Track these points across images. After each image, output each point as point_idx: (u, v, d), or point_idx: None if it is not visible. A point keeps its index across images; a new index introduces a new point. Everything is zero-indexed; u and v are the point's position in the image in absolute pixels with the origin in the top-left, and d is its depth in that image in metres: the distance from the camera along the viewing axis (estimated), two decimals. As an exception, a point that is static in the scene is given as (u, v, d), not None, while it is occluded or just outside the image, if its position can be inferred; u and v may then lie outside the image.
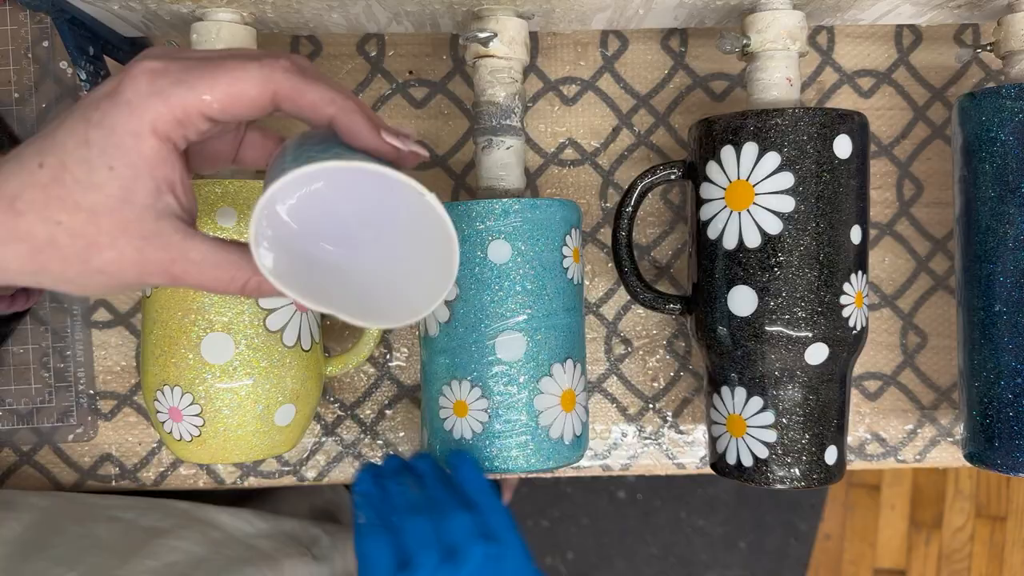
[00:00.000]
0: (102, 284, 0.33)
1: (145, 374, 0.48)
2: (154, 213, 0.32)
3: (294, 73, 0.32)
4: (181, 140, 0.32)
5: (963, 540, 1.44)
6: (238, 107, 0.32)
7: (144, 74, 0.31)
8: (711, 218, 0.47)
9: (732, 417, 0.48)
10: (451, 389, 0.47)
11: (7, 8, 0.55)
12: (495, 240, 0.46)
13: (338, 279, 0.35)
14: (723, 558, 1.44)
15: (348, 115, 0.33)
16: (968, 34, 0.57)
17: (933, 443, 0.59)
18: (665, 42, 0.57)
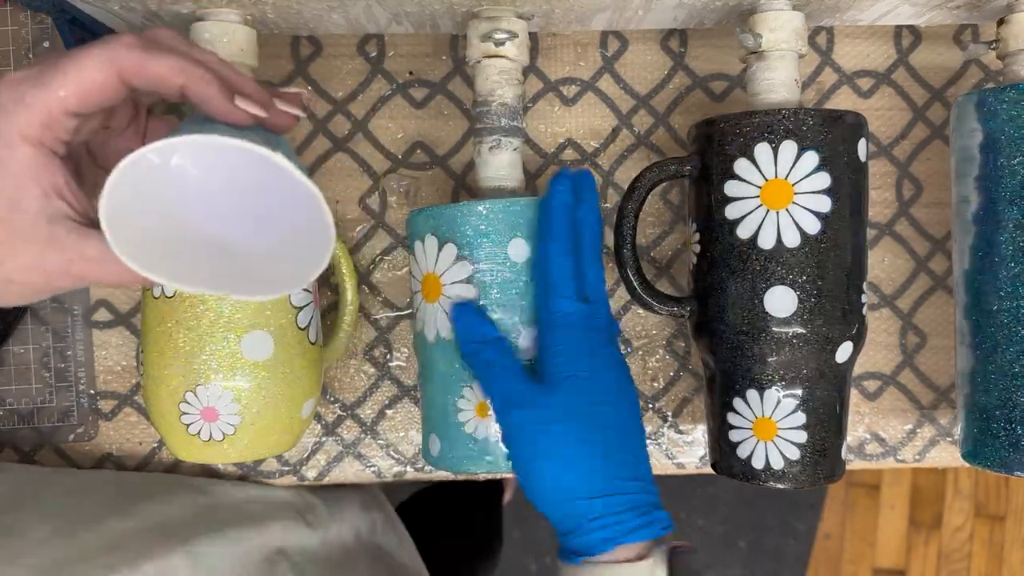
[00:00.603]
0: (16, 292, 0.34)
1: (167, 377, 0.47)
2: (45, 218, 0.33)
3: (136, 47, 0.33)
4: (55, 142, 0.33)
5: (962, 540, 1.44)
6: (92, 95, 0.33)
7: (5, 86, 0.32)
8: (742, 217, 0.46)
9: (761, 420, 0.47)
10: (473, 391, 0.46)
11: (7, 9, 0.55)
12: (515, 239, 0.46)
13: (223, 258, 0.35)
14: (723, 558, 1.45)
15: (197, 84, 0.33)
16: (968, 34, 0.58)
17: (932, 443, 0.59)
18: (665, 43, 0.57)
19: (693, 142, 0.49)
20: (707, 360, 0.50)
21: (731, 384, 0.48)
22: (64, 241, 0.33)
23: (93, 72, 0.32)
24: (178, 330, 0.47)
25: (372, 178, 0.57)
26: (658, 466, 0.59)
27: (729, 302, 0.47)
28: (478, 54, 0.49)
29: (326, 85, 0.56)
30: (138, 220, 0.33)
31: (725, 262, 0.47)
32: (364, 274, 0.57)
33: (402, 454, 0.58)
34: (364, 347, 0.57)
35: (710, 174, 0.47)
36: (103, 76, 0.32)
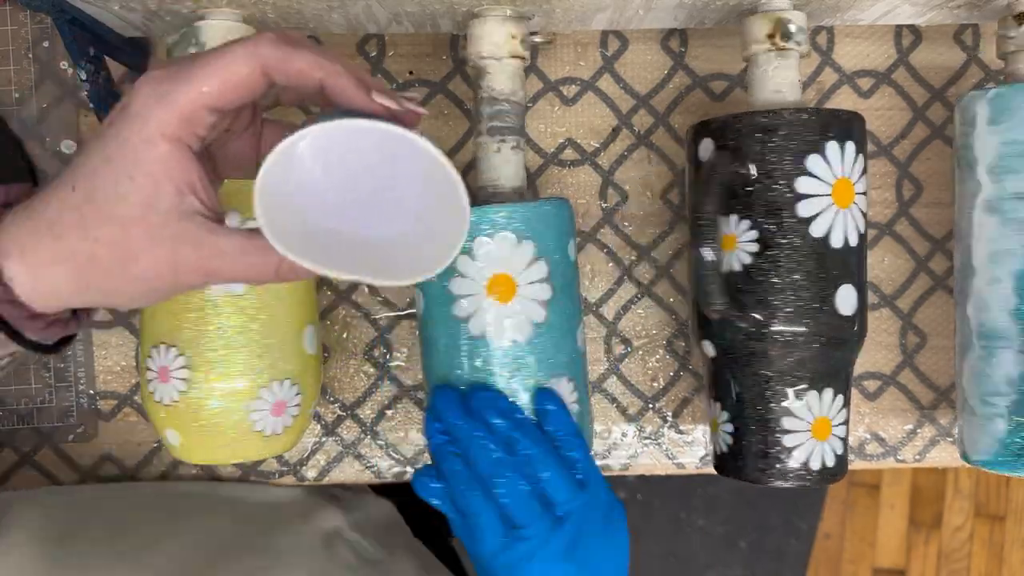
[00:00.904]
0: (144, 292, 0.34)
1: (234, 376, 0.47)
2: (178, 215, 0.33)
3: (279, 43, 0.33)
4: (192, 139, 0.33)
5: (962, 539, 1.44)
6: (235, 90, 0.33)
7: (146, 84, 0.32)
8: (816, 215, 0.45)
9: (820, 420, 0.47)
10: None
11: (7, 8, 0.55)
12: (571, 240, 0.49)
13: (358, 246, 0.35)
14: (723, 557, 1.45)
15: (335, 78, 0.34)
16: (968, 34, 0.57)
17: (932, 443, 0.59)
18: (665, 42, 0.57)
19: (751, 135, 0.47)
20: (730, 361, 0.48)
21: (785, 385, 0.47)
22: (199, 237, 0.33)
23: (239, 66, 0.32)
24: (249, 327, 0.47)
25: (372, 178, 0.57)
26: (658, 466, 0.59)
27: (801, 302, 0.46)
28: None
29: (326, 85, 0.56)
30: (280, 212, 0.33)
31: (796, 260, 0.45)
32: (364, 274, 0.57)
33: (402, 454, 0.58)
34: (364, 347, 0.57)
35: (774, 172, 0.45)
36: (248, 70, 0.33)
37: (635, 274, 0.58)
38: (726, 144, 0.47)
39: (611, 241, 0.58)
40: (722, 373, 0.49)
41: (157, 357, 0.47)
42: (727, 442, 0.49)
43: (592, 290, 0.58)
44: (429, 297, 0.47)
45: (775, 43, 0.47)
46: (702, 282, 0.47)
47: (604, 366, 0.58)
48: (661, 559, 1.44)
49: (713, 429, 0.51)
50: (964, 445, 0.51)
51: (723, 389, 0.49)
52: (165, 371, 0.47)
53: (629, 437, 0.58)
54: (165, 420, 0.48)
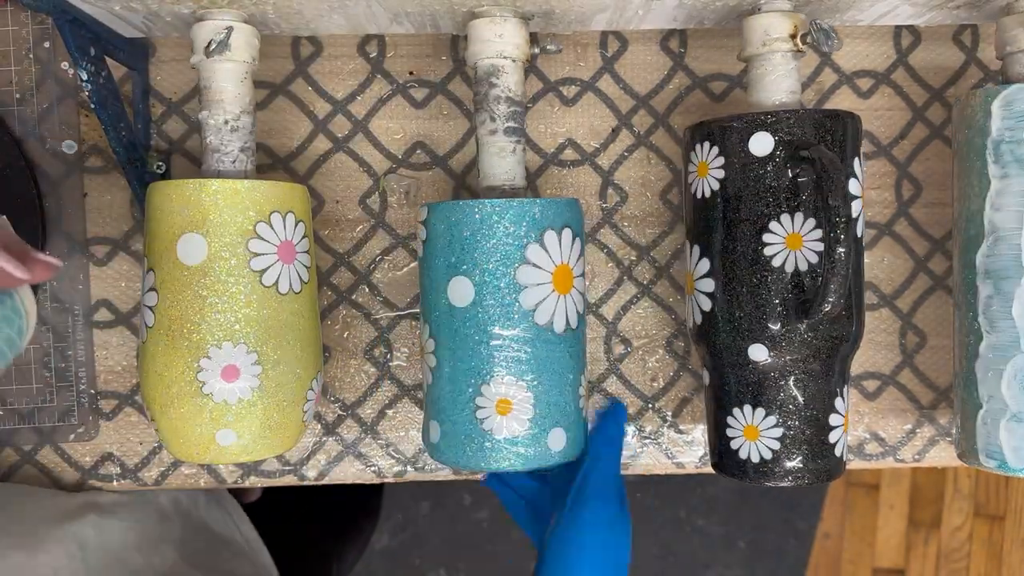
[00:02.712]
0: None
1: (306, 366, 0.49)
2: None
3: None
4: None
5: (962, 539, 1.44)
6: None
7: None
8: (858, 216, 0.47)
9: (845, 416, 0.50)
10: None
11: (8, 9, 0.55)
12: None
13: None
14: (723, 557, 1.45)
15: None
16: (967, 35, 0.58)
17: (932, 443, 0.59)
18: (664, 43, 0.57)
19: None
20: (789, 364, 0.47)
21: (837, 385, 0.48)
22: None
23: None
24: (303, 322, 0.49)
25: (372, 178, 0.57)
26: (658, 466, 0.59)
27: (851, 300, 0.47)
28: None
29: (326, 85, 0.56)
30: None
31: (851, 258, 0.44)
32: (364, 274, 0.57)
33: (402, 453, 0.58)
34: (364, 347, 0.57)
35: (832, 170, 0.44)
36: None
37: (635, 274, 0.58)
38: (790, 139, 0.45)
39: (611, 241, 0.58)
40: (774, 378, 0.47)
41: (218, 356, 0.46)
42: (772, 448, 0.48)
43: (592, 290, 0.58)
44: (485, 287, 0.46)
45: (796, 44, 0.48)
46: (764, 284, 0.46)
47: (604, 366, 0.58)
48: (660, 559, 1.44)
49: (751, 437, 0.48)
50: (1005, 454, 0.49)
51: (772, 394, 0.48)
52: (233, 370, 0.46)
53: (629, 437, 0.58)
54: (222, 420, 0.46)
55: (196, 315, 0.46)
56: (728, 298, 0.47)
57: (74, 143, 0.55)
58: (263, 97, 0.56)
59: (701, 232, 0.49)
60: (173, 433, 0.47)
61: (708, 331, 0.49)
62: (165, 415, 0.47)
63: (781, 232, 0.46)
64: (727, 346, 0.48)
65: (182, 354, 0.46)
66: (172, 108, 0.56)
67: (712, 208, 0.48)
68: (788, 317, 0.46)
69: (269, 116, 0.56)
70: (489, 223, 0.46)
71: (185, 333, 0.46)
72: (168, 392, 0.46)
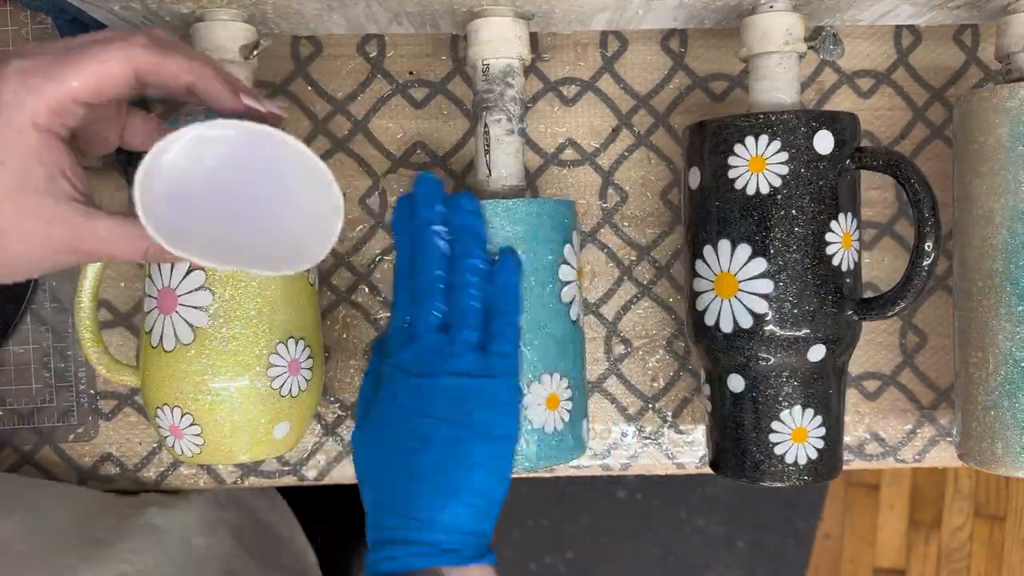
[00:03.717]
0: (22, 267, 0.36)
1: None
2: (52, 198, 0.35)
3: (151, 47, 0.35)
4: (61, 128, 0.35)
5: (962, 540, 1.44)
6: (106, 88, 0.34)
7: (15, 74, 0.34)
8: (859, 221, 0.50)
9: None
10: None
11: (8, 9, 0.55)
12: None
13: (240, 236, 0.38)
14: (722, 557, 1.45)
15: (206, 81, 0.36)
16: (968, 35, 0.58)
17: (932, 443, 0.59)
18: (665, 43, 0.57)
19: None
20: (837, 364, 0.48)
21: (842, 383, 0.49)
22: (72, 219, 0.35)
23: (111, 67, 0.34)
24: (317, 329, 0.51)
25: (372, 178, 0.57)
26: (658, 466, 0.59)
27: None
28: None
29: (326, 85, 0.56)
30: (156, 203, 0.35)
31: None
32: (364, 274, 0.57)
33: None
34: (364, 347, 0.57)
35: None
36: (120, 71, 0.34)
37: (635, 274, 0.58)
38: (852, 138, 0.47)
39: (611, 241, 0.58)
40: (824, 377, 0.47)
41: (286, 352, 0.48)
42: (818, 447, 0.48)
43: (592, 290, 0.58)
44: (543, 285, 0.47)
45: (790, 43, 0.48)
46: (825, 283, 0.46)
47: (604, 366, 0.58)
48: (660, 559, 1.44)
49: (800, 440, 0.48)
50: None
51: (821, 393, 0.47)
52: (296, 364, 0.48)
53: (629, 437, 0.58)
54: (283, 413, 0.49)
55: (267, 311, 0.47)
56: (790, 299, 0.46)
57: (74, 143, 0.55)
58: (263, 97, 0.56)
59: (753, 230, 0.46)
60: (228, 431, 0.47)
61: (758, 334, 0.46)
62: (221, 414, 0.47)
63: (839, 231, 0.46)
64: (784, 348, 0.46)
65: (252, 351, 0.47)
66: (172, 108, 0.56)
67: (770, 205, 0.46)
68: (848, 316, 0.47)
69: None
70: (554, 219, 0.47)
71: (251, 332, 0.47)
72: (229, 390, 0.47)
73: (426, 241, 0.43)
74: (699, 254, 0.48)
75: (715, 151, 0.47)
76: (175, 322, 0.46)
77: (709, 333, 0.48)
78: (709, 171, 0.47)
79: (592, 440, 0.58)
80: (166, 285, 0.47)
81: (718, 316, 0.48)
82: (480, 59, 0.49)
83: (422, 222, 0.44)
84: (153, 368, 0.47)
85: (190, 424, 0.47)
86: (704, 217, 0.48)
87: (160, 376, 0.47)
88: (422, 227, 0.44)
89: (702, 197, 0.48)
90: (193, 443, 0.48)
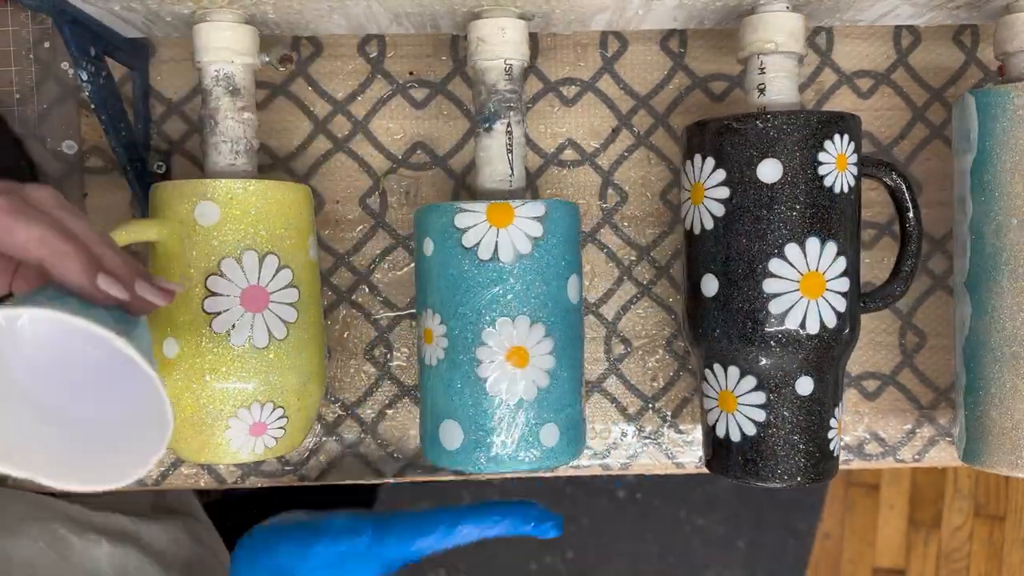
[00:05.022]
0: None
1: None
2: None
3: (4, 212, 0.32)
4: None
5: (962, 539, 1.44)
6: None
7: None
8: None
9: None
10: None
11: (8, 9, 0.55)
12: None
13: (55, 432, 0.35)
14: (722, 557, 1.45)
15: (59, 259, 0.33)
16: (967, 35, 0.58)
17: (932, 443, 0.59)
18: (665, 43, 0.57)
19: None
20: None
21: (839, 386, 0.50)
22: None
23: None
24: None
25: (372, 178, 0.57)
26: (658, 465, 0.59)
27: None
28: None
29: (326, 85, 0.56)
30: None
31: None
32: (364, 274, 0.57)
33: (403, 453, 0.58)
34: (364, 347, 0.57)
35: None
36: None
37: (635, 274, 0.58)
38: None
39: (611, 241, 0.58)
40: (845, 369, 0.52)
41: None
42: (842, 437, 0.52)
43: (592, 290, 0.58)
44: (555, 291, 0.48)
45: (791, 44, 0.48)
46: None
47: (604, 366, 0.58)
48: (660, 558, 1.44)
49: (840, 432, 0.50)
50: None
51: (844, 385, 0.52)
52: None
53: (629, 437, 0.58)
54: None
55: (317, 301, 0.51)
56: (854, 297, 0.48)
57: (74, 143, 0.55)
58: (263, 97, 0.56)
59: (839, 229, 0.46)
60: (306, 420, 0.50)
61: (841, 334, 0.47)
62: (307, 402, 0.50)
63: None
64: (849, 344, 0.49)
65: (321, 339, 0.51)
66: (172, 108, 0.56)
67: (851, 203, 0.47)
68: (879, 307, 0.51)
69: (269, 116, 0.56)
70: (575, 221, 0.49)
71: (318, 322, 0.50)
72: (313, 378, 0.50)
73: None
74: (777, 253, 0.46)
75: (803, 145, 0.46)
76: (267, 319, 0.47)
77: (786, 336, 0.47)
78: (797, 165, 0.46)
79: (592, 440, 0.58)
80: (254, 283, 0.46)
81: (803, 317, 0.46)
82: (503, 59, 0.48)
83: None
84: (238, 367, 0.46)
85: (279, 417, 0.48)
86: (788, 213, 0.46)
87: (250, 374, 0.46)
88: None
89: (785, 192, 0.46)
90: (272, 437, 0.48)
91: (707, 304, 0.49)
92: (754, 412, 0.48)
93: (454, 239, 0.46)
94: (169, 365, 0.46)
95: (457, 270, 0.46)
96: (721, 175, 0.47)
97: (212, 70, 0.48)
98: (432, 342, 0.48)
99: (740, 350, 0.47)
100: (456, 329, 0.46)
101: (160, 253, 0.47)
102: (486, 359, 0.46)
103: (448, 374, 0.47)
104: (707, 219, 0.48)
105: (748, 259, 0.47)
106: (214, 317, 0.46)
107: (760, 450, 0.48)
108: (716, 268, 0.48)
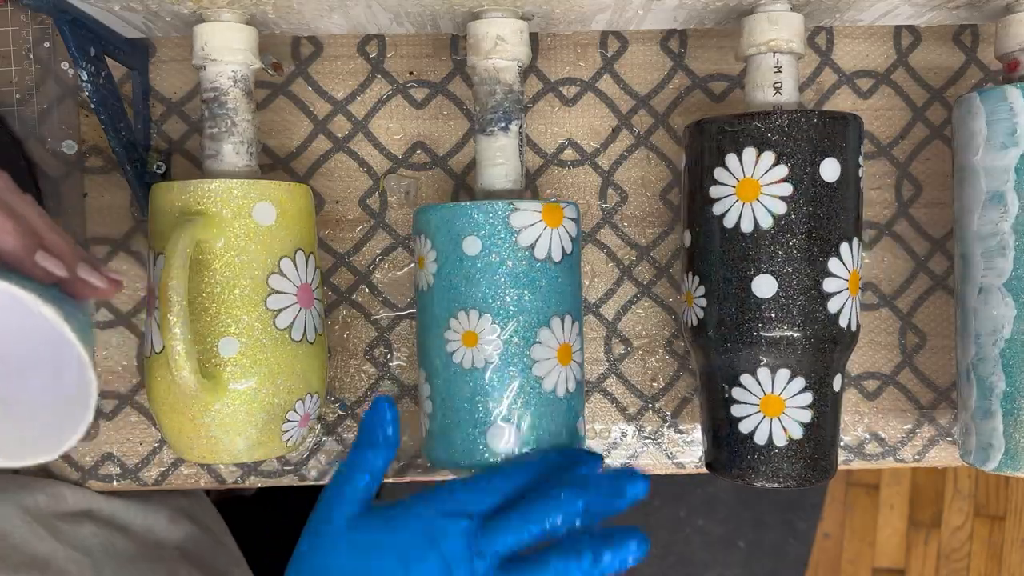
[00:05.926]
0: None
1: None
2: None
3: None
4: None
5: (962, 539, 1.44)
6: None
7: None
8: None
9: None
10: None
11: (8, 9, 0.55)
12: None
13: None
14: (722, 557, 1.45)
15: (0, 235, 0.34)
16: (967, 35, 0.58)
17: (932, 443, 0.59)
18: (664, 43, 0.57)
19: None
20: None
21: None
22: None
23: None
24: None
25: (372, 178, 0.57)
26: (658, 465, 0.59)
27: None
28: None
29: (326, 85, 0.56)
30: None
31: None
32: (364, 274, 0.57)
33: (403, 453, 0.58)
34: (364, 347, 0.57)
35: None
36: None
37: (635, 274, 0.58)
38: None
39: (611, 241, 0.58)
40: None
41: None
42: None
43: (592, 290, 0.58)
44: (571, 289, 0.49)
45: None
46: None
47: (604, 366, 0.58)
48: (660, 559, 1.44)
49: None
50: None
51: None
52: None
53: (629, 437, 0.58)
54: None
55: None
56: None
57: (74, 143, 0.55)
58: (263, 97, 0.56)
59: (861, 228, 0.49)
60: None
61: (859, 329, 0.49)
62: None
63: None
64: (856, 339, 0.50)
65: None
66: (172, 108, 0.56)
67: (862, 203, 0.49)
68: None
69: (269, 116, 0.56)
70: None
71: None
72: None
73: None
74: (834, 252, 0.46)
75: (853, 147, 0.47)
76: (313, 315, 0.50)
77: (838, 335, 0.46)
78: (849, 165, 0.46)
79: (592, 440, 0.58)
80: (305, 282, 0.49)
81: (850, 314, 0.47)
82: (516, 60, 0.49)
83: None
84: (296, 361, 0.48)
85: (317, 407, 0.51)
86: (844, 213, 0.46)
87: (305, 367, 0.49)
88: None
89: (841, 191, 0.46)
90: (309, 427, 0.51)
91: (763, 305, 0.46)
92: (801, 414, 0.47)
93: (509, 239, 0.46)
94: (227, 363, 0.46)
95: (514, 269, 0.46)
96: (783, 171, 0.45)
97: (230, 71, 0.48)
98: (476, 344, 0.46)
99: (801, 351, 0.46)
100: (512, 329, 0.46)
101: (215, 252, 0.46)
102: (541, 358, 0.47)
103: (501, 376, 0.46)
104: (763, 217, 0.45)
105: (810, 258, 0.46)
106: (277, 314, 0.47)
107: (804, 451, 0.47)
108: (775, 268, 0.46)
